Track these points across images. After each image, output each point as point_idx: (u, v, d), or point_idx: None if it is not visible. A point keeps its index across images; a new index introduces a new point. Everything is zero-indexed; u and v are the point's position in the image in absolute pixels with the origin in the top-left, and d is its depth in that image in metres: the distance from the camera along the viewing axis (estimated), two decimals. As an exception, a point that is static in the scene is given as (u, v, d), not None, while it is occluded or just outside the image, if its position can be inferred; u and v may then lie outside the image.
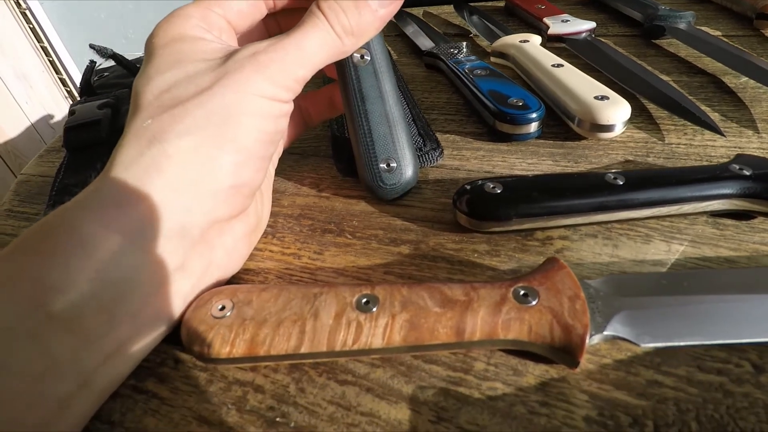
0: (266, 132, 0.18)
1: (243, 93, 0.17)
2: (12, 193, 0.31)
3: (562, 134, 0.29)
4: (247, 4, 0.21)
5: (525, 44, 0.36)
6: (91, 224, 0.15)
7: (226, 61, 0.18)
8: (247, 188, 0.19)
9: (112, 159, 0.17)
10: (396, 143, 0.23)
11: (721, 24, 0.41)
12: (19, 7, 1.28)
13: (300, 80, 0.19)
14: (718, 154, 0.25)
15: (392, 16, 0.21)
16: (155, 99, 0.17)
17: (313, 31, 0.19)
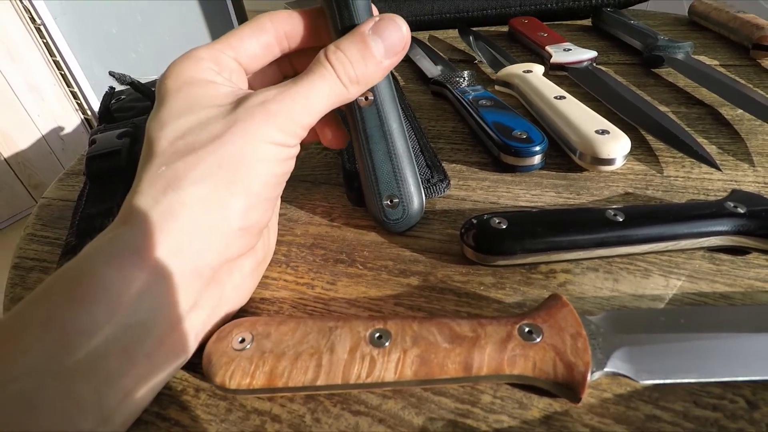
0: (274, 175, 0.20)
1: (253, 140, 0.18)
2: (35, 217, 0.32)
3: (565, 165, 0.30)
4: (260, 48, 0.22)
5: (528, 75, 0.37)
6: (113, 272, 0.16)
7: (237, 108, 0.19)
8: (255, 228, 0.20)
9: (129, 204, 0.18)
10: (399, 181, 0.24)
11: (719, 53, 0.43)
12: (33, 23, 1.31)
13: (306, 126, 0.20)
14: (715, 187, 0.26)
15: (395, 65, 0.22)
16: (170, 145, 0.18)
17: (320, 81, 0.20)
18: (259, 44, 0.22)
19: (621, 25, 0.47)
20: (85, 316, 0.15)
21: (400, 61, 0.22)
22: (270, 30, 0.22)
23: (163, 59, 1.73)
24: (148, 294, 0.16)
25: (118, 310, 0.16)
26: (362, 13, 0.22)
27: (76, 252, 0.25)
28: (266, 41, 0.22)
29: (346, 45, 0.20)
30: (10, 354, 0.14)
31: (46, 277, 0.26)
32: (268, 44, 0.22)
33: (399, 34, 0.21)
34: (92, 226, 0.26)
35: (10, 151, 1.34)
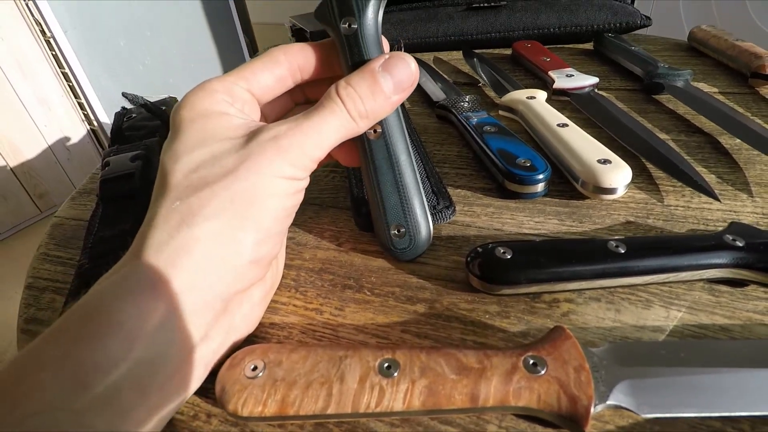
0: (284, 208, 0.20)
1: (265, 176, 0.19)
2: (47, 236, 0.33)
3: (568, 192, 0.30)
4: (273, 80, 0.23)
5: (532, 101, 0.38)
6: (128, 308, 0.16)
7: (249, 143, 0.19)
8: (266, 260, 0.20)
9: (143, 237, 0.18)
10: (407, 211, 0.24)
11: (718, 80, 0.44)
12: (44, 36, 1.33)
13: (317, 160, 0.21)
14: (714, 217, 0.27)
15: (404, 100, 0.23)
16: (184, 178, 0.19)
17: (331, 117, 0.20)
18: (273, 77, 0.23)
19: (622, 51, 0.48)
20: (101, 353, 0.15)
21: (408, 96, 0.23)
22: (283, 63, 0.23)
23: (170, 72, 1.75)
24: (161, 329, 0.17)
25: (134, 346, 0.16)
26: (372, 49, 0.23)
27: (89, 276, 0.26)
28: (279, 74, 0.23)
29: (356, 81, 0.21)
30: (27, 391, 0.14)
31: (60, 298, 0.27)
32: (282, 77, 0.23)
33: (408, 72, 0.21)
34: (105, 249, 0.27)
35: (16, 161, 1.35)
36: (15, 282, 1.22)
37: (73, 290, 0.25)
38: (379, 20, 0.23)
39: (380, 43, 0.23)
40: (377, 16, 0.23)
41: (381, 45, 0.23)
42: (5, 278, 1.23)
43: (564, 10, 0.55)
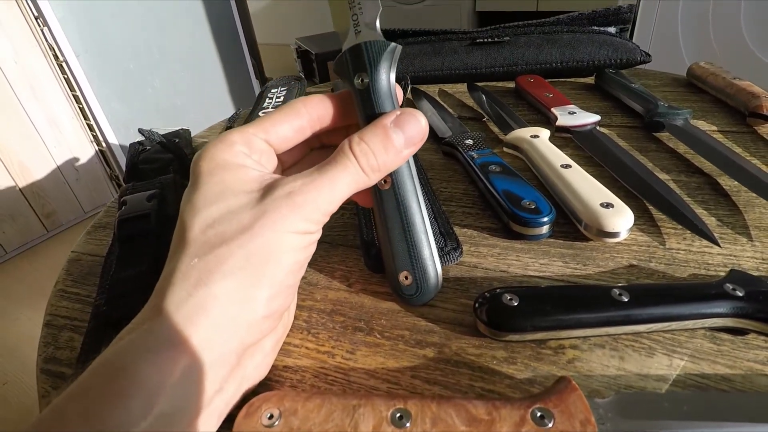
0: (297, 262, 0.21)
1: (280, 232, 0.20)
2: (65, 272, 0.34)
3: (572, 234, 0.31)
4: (292, 131, 0.24)
5: (535, 140, 0.39)
6: (149, 367, 0.17)
7: (264, 198, 0.20)
8: (278, 313, 0.21)
9: (162, 294, 0.19)
10: (414, 260, 0.25)
11: (717, 118, 0.45)
12: (56, 59, 1.36)
13: (329, 213, 0.21)
14: (715, 262, 0.28)
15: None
16: (201, 233, 0.20)
17: (343, 173, 0.21)
18: (292, 128, 0.24)
19: (622, 88, 0.49)
20: (124, 411, 0.16)
21: (418, 149, 0.24)
22: (304, 115, 0.24)
23: (178, 93, 1.79)
24: (179, 386, 0.17)
25: (155, 403, 0.16)
26: (384, 103, 0.24)
27: (106, 318, 0.26)
28: (299, 125, 0.24)
29: (369, 137, 0.22)
30: None
31: (78, 337, 0.28)
32: (301, 127, 0.24)
33: (418, 128, 0.23)
34: (122, 290, 0.28)
35: (25, 181, 1.37)
36: (21, 303, 1.22)
37: (90, 332, 0.26)
38: (392, 76, 0.24)
39: (392, 96, 0.24)
40: (389, 73, 0.24)
41: (393, 98, 0.24)
42: (11, 298, 1.24)
43: (566, 46, 0.57)
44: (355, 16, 0.25)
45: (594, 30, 0.58)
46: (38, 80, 1.34)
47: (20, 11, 1.27)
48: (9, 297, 1.25)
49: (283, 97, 0.57)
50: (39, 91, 1.35)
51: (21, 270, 1.34)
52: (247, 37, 2.13)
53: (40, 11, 1.30)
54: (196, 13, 1.79)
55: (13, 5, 1.25)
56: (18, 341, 1.10)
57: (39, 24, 1.31)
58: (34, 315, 1.18)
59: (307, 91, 0.65)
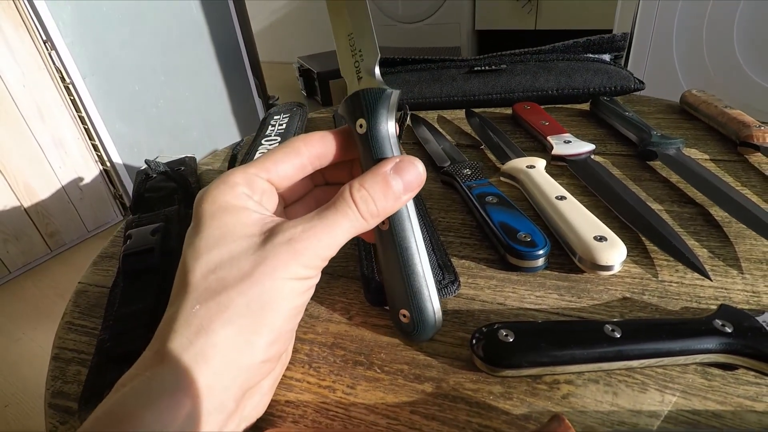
0: (296, 307, 0.21)
1: (279, 279, 0.20)
2: (72, 304, 0.34)
3: (566, 265, 0.32)
4: (293, 169, 0.24)
5: (531, 170, 0.40)
6: (151, 415, 0.17)
7: (265, 244, 0.21)
8: (276, 356, 0.21)
9: (165, 340, 0.19)
10: (412, 300, 0.25)
11: (709, 146, 0.46)
12: (63, 82, 1.39)
13: (328, 258, 0.22)
14: (706, 295, 0.29)
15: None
16: (203, 279, 0.20)
17: (343, 219, 0.22)
18: (293, 167, 0.24)
19: (617, 116, 0.50)
20: None
21: (415, 194, 0.24)
22: (304, 153, 0.24)
23: (181, 113, 1.81)
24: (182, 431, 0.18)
25: None
26: (383, 148, 0.24)
27: (109, 354, 0.27)
28: (300, 163, 0.24)
29: (369, 184, 0.22)
30: None
31: (85, 370, 0.28)
32: (302, 165, 0.25)
33: (416, 174, 0.23)
34: (126, 327, 0.28)
35: (30, 201, 1.39)
36: (23, 322, 1.23)
37: (93, 368, 0.27)
38: (390, 122, 0.24)
39: (391, 141, 0.24)
40: (387, 119, 0.24)
41: (393, 143, 0.24)
42: (13, 318, 1.25)
43: (561, 74, 0.58)
44: (357, 62, 0.26)
45: (589, 58, 0.60)
46: (45, 102, 1.37)
47: (29, 36, 1.30)
48: (11, 317, 1.25)
49: (286, 124, 0.59)
50: (46, 113, 1.37)
51: (24, 290, 1.35)
52: (250, 57, 2.17)
53: (48, 36, 1.33)
54: (201, 36, 1.82)
55: (23, 31, 1.28)
56: (19, 362, 1.10)
57: (47, 48, 1.34)
58: (36, 335, 1.18)
59: (309, 116, 0.66)
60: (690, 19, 1.12)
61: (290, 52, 3.59)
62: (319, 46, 3.25)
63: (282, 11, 3.65)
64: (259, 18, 3.63)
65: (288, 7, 3.62)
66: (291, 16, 3.65)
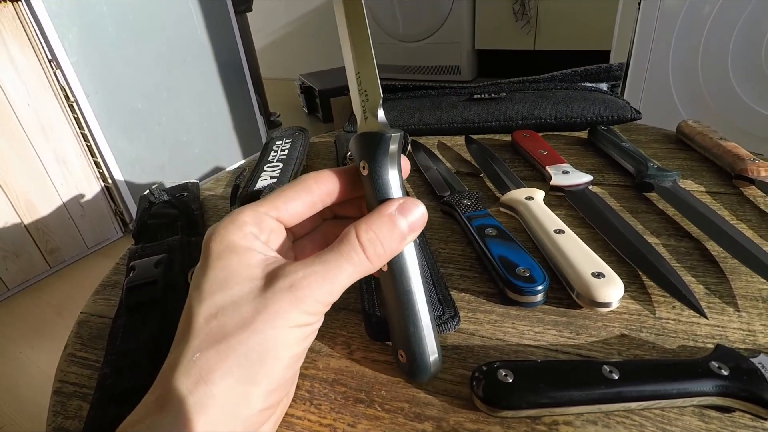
0: (296, 355, 0.21)
1: (279, 328, 0.20)
2: (74, 335, 0.35)
3: (565, 300, 0.32)
4: (303, 207, 0.25)
5: (530, 202, 0.41)
6: None
7: (266, 290, 0.21)
8: (275, 404, 0.21)
9: (165, 388, 0.19)
10: (409, 343, 0.25)
11: (705, 178, 0.47)
12: (67, 100, 1.40)
13: (330, 304, 0.22)
14: (703, 333, 0.29)
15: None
16: (205, 324, 0.20)
17: (347, 264, 0.22)
18: (303, 205, 0.24)
19: (614, 146, 0.51)
20: None
21: (418, 235, 0.25)
22: (315, 191, 0.25)
23: (183, 129, 1.83)
24: None
25: None
26: (386, 189, 0.24)
27: (111, 390, 0.27)
28: (310, 201, 0.25)
29: (376, 225, 0.23)
30: None
31: (86, 405, 0.29)
32: (312, 203, 0.25)
33: (420, 214, 0.24)
34: (127, 362, 0.28)
35: (31, 218, 1.39)
36: (20, 341, 1.22)
37: (94, 404, 0.27)
38: (391, 165, 0.24)
39: (392, 182, 0.24)
40: (390, 161, 0.24)
41: (397, 184, 0.24)
42: (11, 337, 1.24)
43: (559, 103, 0.59)
44: (363, 103, 0.26)
45: (586, 87, 0.61)
46: (49, 120, 1.38)
47: (35, 55, 1.32)
48: (8, 335, 1.24)
49: (288, 150, 0.59)
50: (49, 131, 1.39)
51: (22, 307, 1.34)
52: (253, 74, 2.20)
53: (54, 55, 1.35)
54: (204, 54, 1.85)
55: (29, 50, 1.30)
56: (16, 382, 1.09)
57: (52, 67, 1.36)
58: (32, 354, 1.17)
59: (311, 140, 0.67)
60: (686, 46, 1.14)
61: (292, 69, 3.63)
62: (320, 64, 3.29)
63: (284, 29, 3.71)
64: (262, 34, 3.69)
65: (291, 25, 3.67)
66: (293, 34, 3.70)
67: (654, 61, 1.19)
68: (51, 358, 1.16)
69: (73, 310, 1.32)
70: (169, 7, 1.67)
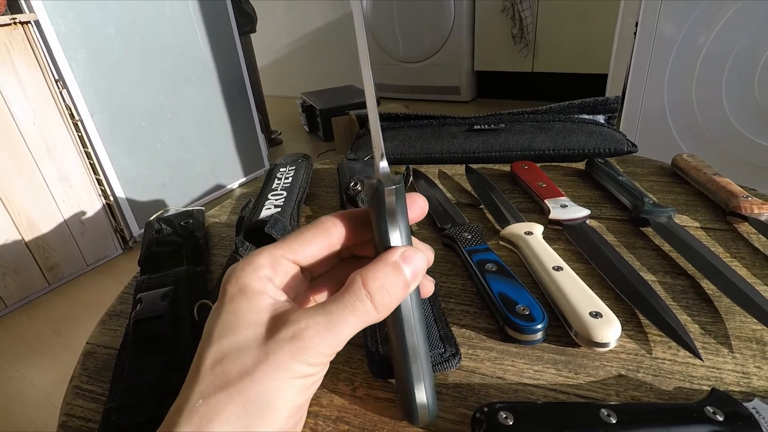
0: (297, 405, 0.21)
1: (280, 380, 0.20)
2: (80, 366, 0.35)
3: (563, 338, 0.33)
4: (321, 249, 0.25)
5: (529, 237, 0.42)
6: None
7: (269, 339, 0.21)
8: None
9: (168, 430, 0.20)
10: (407, 389, 0.25)
11: (700, 213, 0.48)
12: (72, 119, 1.42)
13: (332, 354, 0.22)
14: (698, 374, 0.30)
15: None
16: (210, 370, 0.21)
17: (351, 315, 0.21)
18: (320, 248, 0.25)
19: (611, 179, 0.52)
20: None
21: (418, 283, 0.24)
22: (333, 234, 0.25)
23: (185, 148, 1.85)
24: None
25: None
26: (393, 237, 0.24)
27: (116, 427, 0.28)
28: (328, 243, 0.25)
29: (383, 274, 0.23)
30: None
31: (92, 440, 0.29)
32: (330, 245, 0.25)
33: (422, 262, 0.24)
34: (133, 400, 0.29)
35: (32, 235, 1.40)
36: (16, 359, 1.21)
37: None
38: (390, 216, 0.24)
39: (391, 231, 0.24)
40: (385, 215, 0.24)
41: (397, 231, 0.24)
42: (7, 354, 1.23)
43: (557, 135, 0.61)
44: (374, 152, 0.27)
45: (584, 119, 0.63)
46: (53, 139, 1.40)
47: (42, 75, 1.34)
48: (4, 354, 1.24)
49: (291, 178, 0.61)
50: (53, 149, 1.40)
51: (19, 325, 1.34)
52: (255, 94, 2.23)
53: (61, 75, 1.38)
54: (208, 74, 1.88)
55: (36, 70, 1.33)
56: (11, 400, 1.08)
57: (59, 86, 1.38)
58: (28, 373, 1.16)
59: (315, 166, 0.68)
60: (681, 74, 1.17)
61: (294, 87, 3.68)
62: (322, 83, 3.34)
63: (287, 48, 3.77)
64: (266, 53, 3.75)
65: (293, 45, 3.73)
66: (295, 53, 3.76)
67: (650, 89, 1.22)
68: (46, 377, 1.15)
69: (70, 328, 1.32)
70: (175, 30, 1.70)
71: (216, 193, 2.03)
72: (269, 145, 2.55)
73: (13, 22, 1.24)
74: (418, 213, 0.27)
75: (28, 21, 1.27)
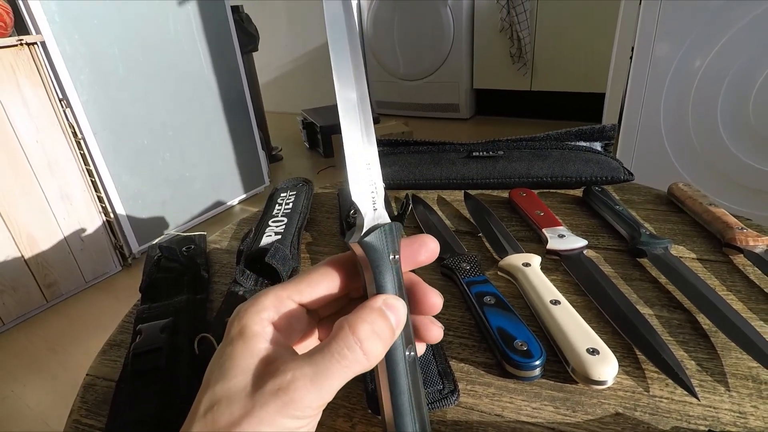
0: None
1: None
2: (80, 399, 0.35)
3: (562, 374, 0.33)
4: (327, 290, 0.24)
5: (527, 269, 0.42)
6: None
7: (256, 391, 0.20)
8: None
9: None
10: (399, 425, 0.24)
11: (696, 243, 0.48)
12: (75, 137, 1.43)
13: (321, 407, 0.21)
14: (695, 413, 0.30)
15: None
16: (202, 416, 0.20)
17: (338, 366, 0.20)
18: (328, 288, 0.25)
19: (608, 208, 0.53)
20: None
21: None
22: (341, 272, 0.25)
23: (186, 165, 1.86)
24: None
25: None
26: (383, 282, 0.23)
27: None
28: (336, 284, 0.25)
29: (371, 319, 0.22)
30: None
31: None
32: (339, 285, 0.25)
33: (403, 309, 0.23)
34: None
35: (32, 252, 1.40)
36: (12, 378, 1.20)
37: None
38: (374, 266, 0.24)
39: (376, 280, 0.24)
40: (384, 254, 0.24)
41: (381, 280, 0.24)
42: (3, 373, 1.22)
43: (555, 163, 0.62)
44: (373, 193, 0.27)
45: (581, 147, 0.64)
46: (55, 156, 1.41)
47: (46, 94, 1.36)
48: (1, 372, 1.23)
49: (292, 203, 0.61)
50: (55, 167, 1.41)
51: (16, 343, 1.33)
52: (256, 112, 2.25)
53: (65, 94, 1.39)
54: (210, 92, 1.90)
55: (40, 89, 1.34)
56: (5, 420, 1.07)
57: (62, 105, 1.39)
58: (23, 392, 1.15)
59: (315, 191, 0.69)
60: (677, 97, 1.19)
61: (295, 103, 3.72)
62: (322, 100, 3.37)
63: (289, 65, 3.82)
64: (267, 70, 3.79)
65: (295, 62, 3.78)
66: (297, 70, 3.80)
67: (647, 111, 1.24)
68: (41, 397, 1.14)
69: (66, 347, 1.31)
70: (179, 50, 1.73)
71: (216, 210, 2.03)
72: (270, 162, 2.57)
73: (20, 43, 1.26)
74: (428, 256, 0.26)
75: (34, 42, 1.29)
